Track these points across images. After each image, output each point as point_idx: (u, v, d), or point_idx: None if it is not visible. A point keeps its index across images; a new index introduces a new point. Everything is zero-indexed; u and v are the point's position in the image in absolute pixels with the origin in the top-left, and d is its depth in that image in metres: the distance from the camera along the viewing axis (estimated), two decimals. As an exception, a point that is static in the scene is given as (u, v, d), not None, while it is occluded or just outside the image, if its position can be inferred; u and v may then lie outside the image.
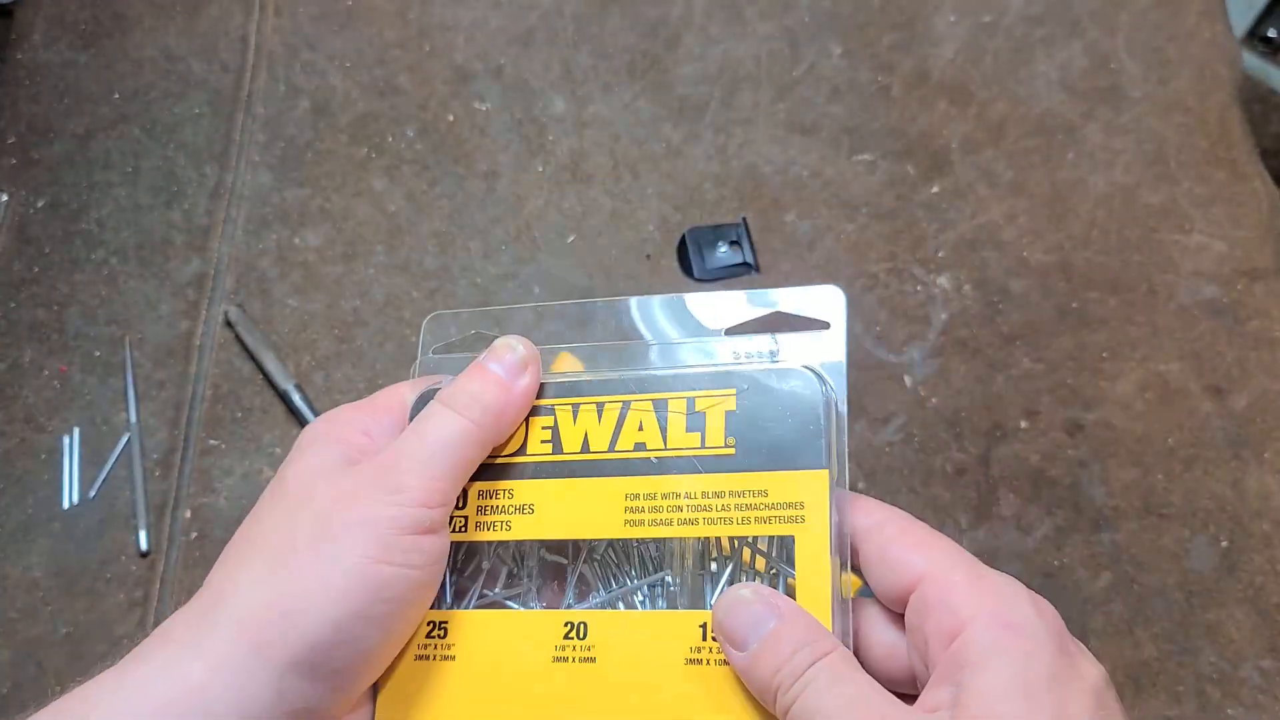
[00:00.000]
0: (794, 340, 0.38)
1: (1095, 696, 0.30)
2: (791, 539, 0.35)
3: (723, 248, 0.67)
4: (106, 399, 0.64)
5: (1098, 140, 0.68)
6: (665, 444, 0.37)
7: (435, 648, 0.37)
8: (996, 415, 0.62)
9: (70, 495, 0.62)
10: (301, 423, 0.62)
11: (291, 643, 0.31)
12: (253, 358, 0.64)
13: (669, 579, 0.36)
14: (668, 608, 0.36)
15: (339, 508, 0.33)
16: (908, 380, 0.63)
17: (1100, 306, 0.64)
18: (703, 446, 0.36)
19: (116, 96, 0.73)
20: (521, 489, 0.37)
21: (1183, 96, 0.69)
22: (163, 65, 0.74)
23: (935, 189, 0.67)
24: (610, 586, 0.37)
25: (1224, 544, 0.58)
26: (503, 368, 0.36)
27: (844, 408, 0.36)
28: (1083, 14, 0.71)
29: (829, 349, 0.37)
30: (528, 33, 0.74)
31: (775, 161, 0.69)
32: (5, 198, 0.70)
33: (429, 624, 0.37)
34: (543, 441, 0.38)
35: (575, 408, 0.38)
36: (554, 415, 0.38)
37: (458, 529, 0.37)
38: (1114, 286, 0.64)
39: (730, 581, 0.35)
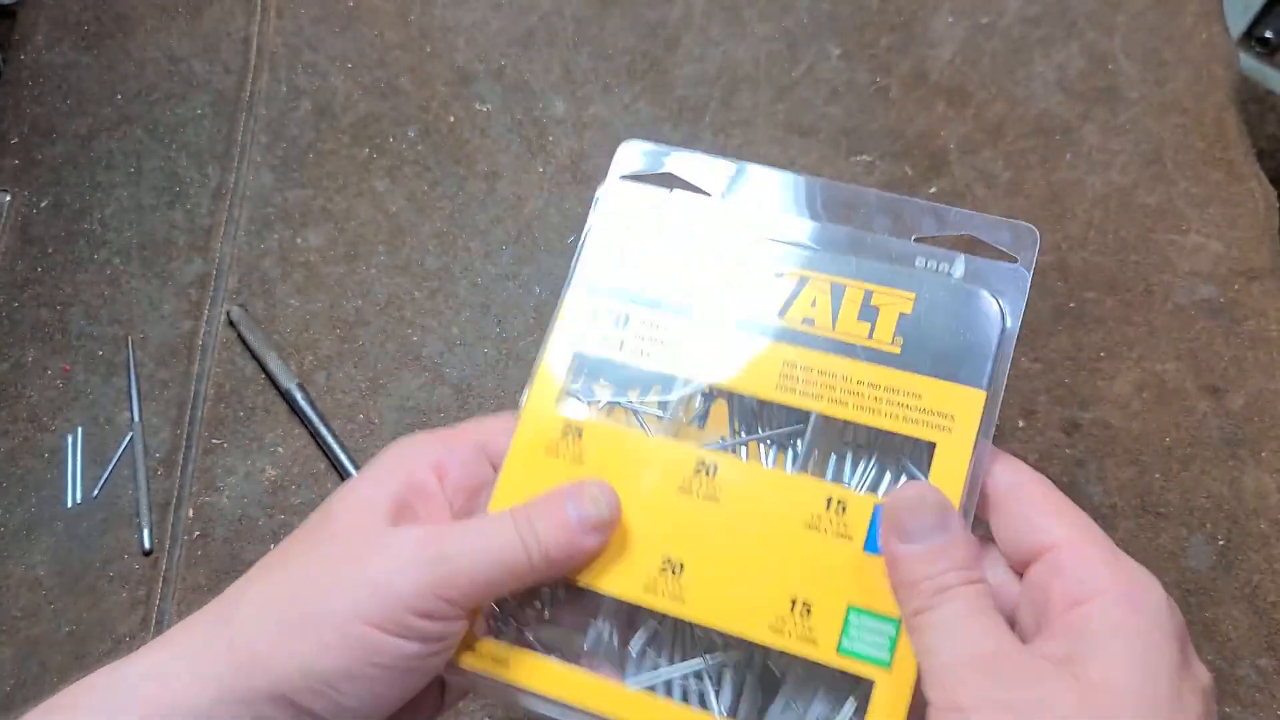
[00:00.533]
0: (977, 266, 0.37)
1: (1205, 699, 0.30)
2: (932, 446, 0.35)
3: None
4: (109, 398, 0.64)
5: (1095, 141, 0.68)
6: (833, 326, 0.37)
7: (567, 447, 0.37)
8: (994, 414, 0.62)
9: (73, 494, 0.62)
10: (304, 422, 0.62)
11: (268, 680, 0.32)
12: (255, 357, 0.64)
13: (799, 443, 0.37)
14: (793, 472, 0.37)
15: (360, 562, 0.33)
16: (906, 380, 0.63)
17: (1097, 306, 0.64)
18: (870, 338, 0.37)
19: (119, 97, 0.74)
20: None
21: (1179, 97, 0.69)
22: (165, 66, 0.75)
23: (933, 189, 0.68)
24: (739, 435, 0.38)
25: (1221, 543, 0.58)
26: (579, 516, 0.35)
27: (1013, 343, 0.36)
28: (1080, 15, 0.72)
29: (1011, 284, 0.37)
30: (528, 34, 0.74)
31: (774, 162, 0.69)
32: (8, 198, 0.71)
33: (564, 424, 0.37)
34: None
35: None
36: None
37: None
38: (1111, 286, 0.64)
39: (864, 470, 0.36)
